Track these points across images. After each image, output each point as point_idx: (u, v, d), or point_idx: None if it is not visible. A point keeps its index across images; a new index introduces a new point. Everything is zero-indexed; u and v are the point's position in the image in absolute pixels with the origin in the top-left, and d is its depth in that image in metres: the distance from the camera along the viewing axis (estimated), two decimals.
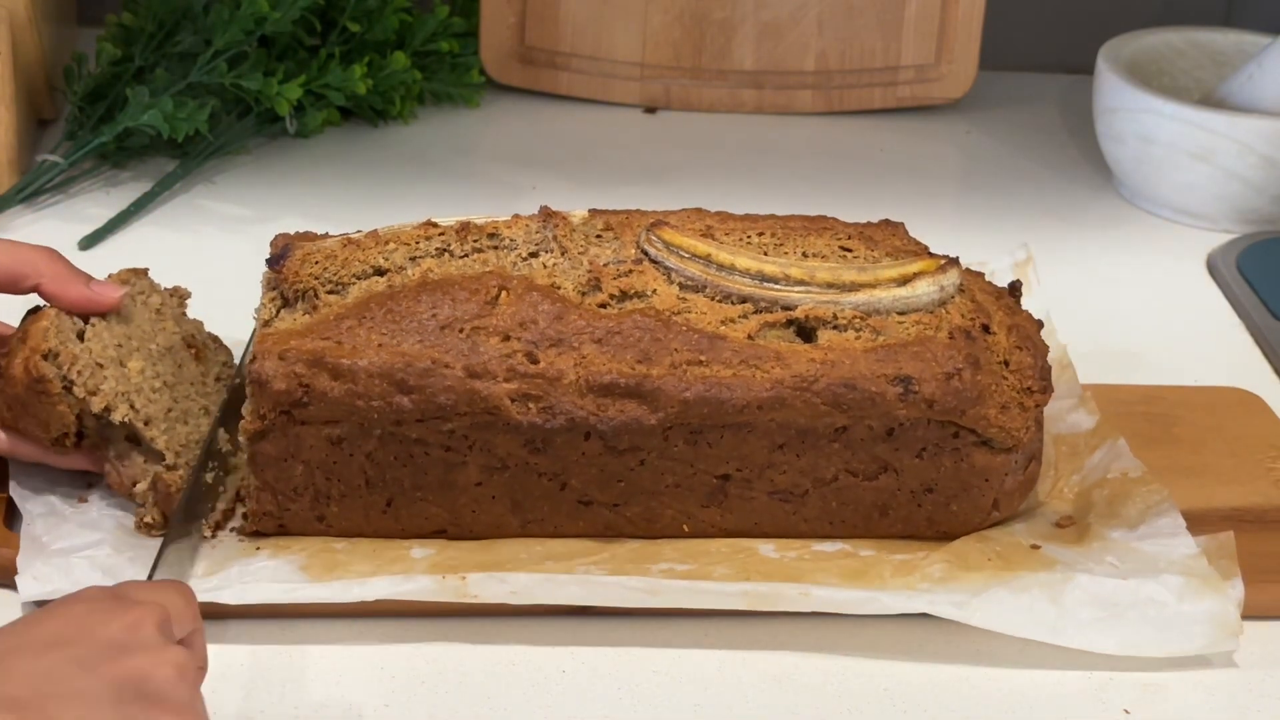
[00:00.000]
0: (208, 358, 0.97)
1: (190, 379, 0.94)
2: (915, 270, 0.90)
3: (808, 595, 0.85)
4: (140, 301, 0.95)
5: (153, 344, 0.93)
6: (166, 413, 0.90)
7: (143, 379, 0.90)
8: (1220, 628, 0.85)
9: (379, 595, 0.84)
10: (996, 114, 1.48)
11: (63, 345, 0.87)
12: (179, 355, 0.94)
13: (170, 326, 0.95)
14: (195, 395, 0.94)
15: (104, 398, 0.86)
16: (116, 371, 0.88)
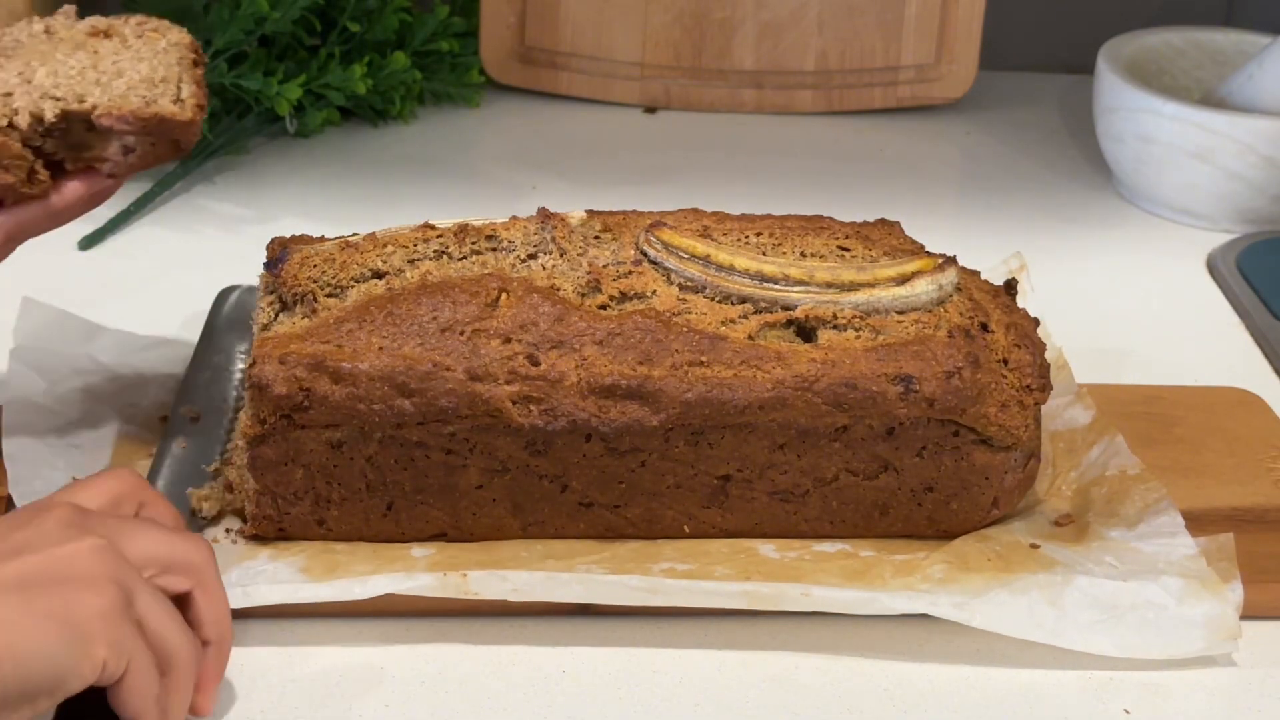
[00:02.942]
0: (119, 30, 0.93)
1: (113, 51, 0.90)
2: (913, 269, 0.90)
3: (809, 595, 0.85)
4: (21, 33, 0.92)
5: (57, 54, 0.89)
6: (96, 80, 0.86)
7: (55, 77, 0.86)
8: (1219, 631, 0.85)
9: (380, 592, 0.84)
10: (996, 114, 1.48)
11: None
12: (88, 45, 0.90)
13: (65, 33, 0.92)
14: (120, 58, 0.89)
15: (25, 110, 0.84)
16: (26, 88, 0.85)
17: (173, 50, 0.90)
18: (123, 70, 0.87)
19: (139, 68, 0.87)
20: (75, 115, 0.84)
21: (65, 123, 0.84)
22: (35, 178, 0.84)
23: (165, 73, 0.88)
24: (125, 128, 0.84)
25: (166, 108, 0.85)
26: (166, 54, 0.90)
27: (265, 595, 0.84)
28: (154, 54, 0.89)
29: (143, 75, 0.87)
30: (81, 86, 0.85)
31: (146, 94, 0.85)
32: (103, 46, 0.89)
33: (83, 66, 0.87)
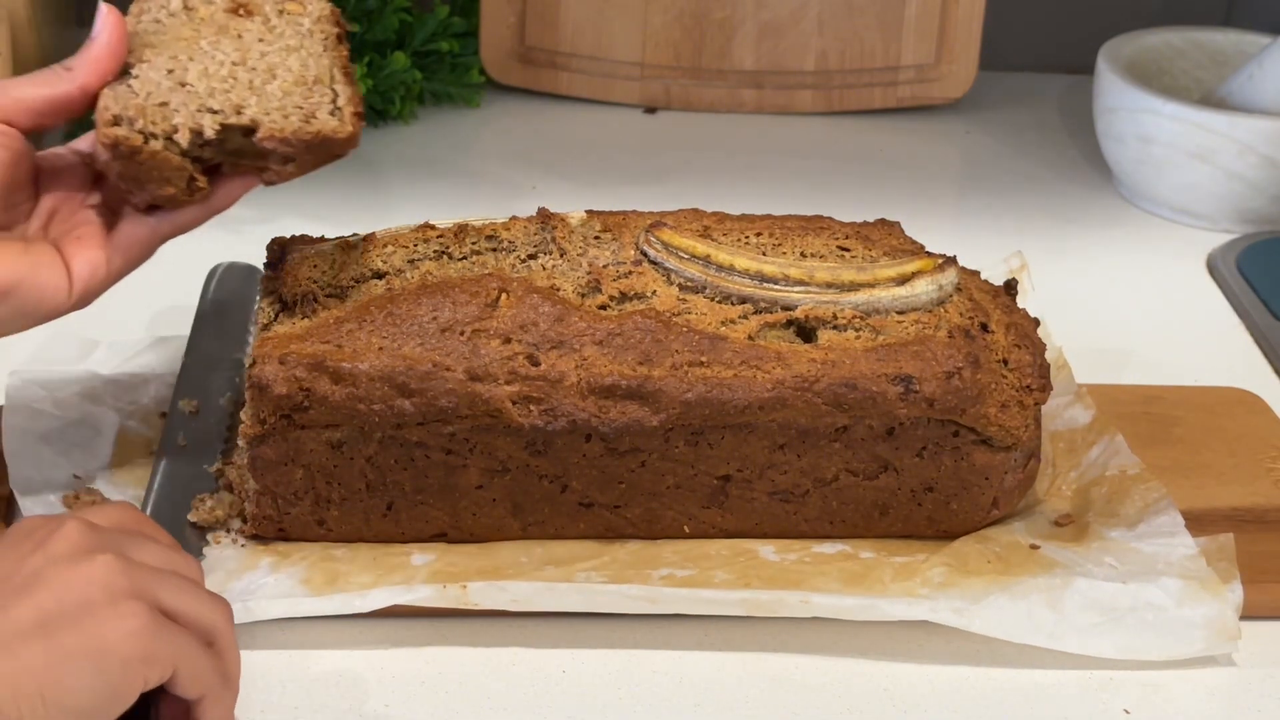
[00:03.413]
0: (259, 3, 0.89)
1: (258, 36, 0.86)
2: (913, 269, 0.90)
3: (808, 603, 0.85)
4: (159, 12, 0.87)
5: (201, 41, 0.85)
6: (249, 84, 0.83)
7: (208, 80, 0.82)
8: (1219, 632, 0.85)
9: (380, 605, 0.84)
10: (996, 114, 1.48)
11: (122, 105, 0.80)
12: (231, 28, 0.86)
13: (204, 10, 0.88)
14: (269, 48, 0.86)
15: (185, 126, 0.80)
16: (181, 95, 0.81)
17: (317, 30, 0.87)
18: (274, 69, 0.83)
19: (290, 63, 0.84)
20: (234, 127, 0.81)
21: (224, 133, 0.81)
22: (194, 185, 0.81)
23: (318, 70, 0.84)
24: (287, 150, 0.81)
25: (327, 124, 0.81)
26: (313, 38, 0.86)
27: (267, 610, 0.84)
28: (300, 39, 0.86)
29: (295, 75, 0.83)
30: (237, 93, 0.82)
31: (304, 103, 0.82)
32: (246, 30, 0.86)
33: (232, 64, 0.83)
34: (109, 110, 0.79)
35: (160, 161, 0.79)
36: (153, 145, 0.79)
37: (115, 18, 0.81)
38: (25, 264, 0.79)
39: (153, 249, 0.84)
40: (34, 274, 0.79)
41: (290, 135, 0.80)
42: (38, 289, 0.79)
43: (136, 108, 0.80)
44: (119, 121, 0.79)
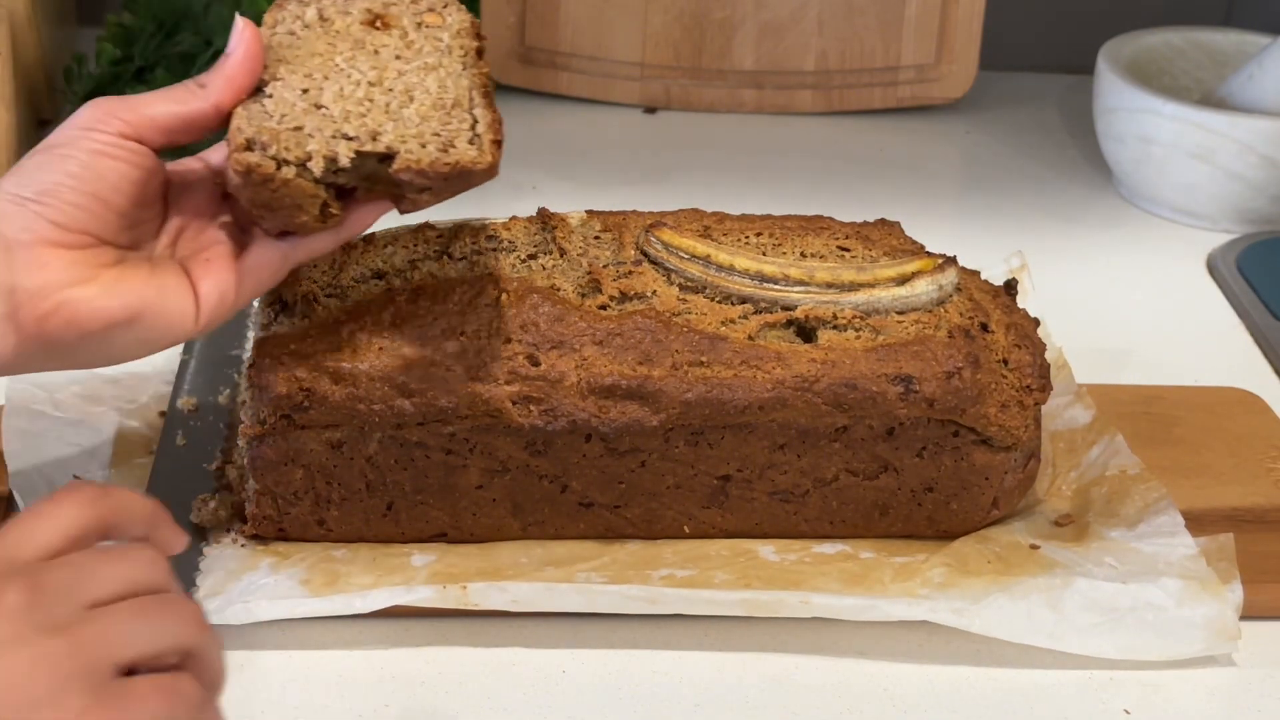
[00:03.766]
0: (397, 15, 0.84)
1: (395, 54, 0.82)
2: (913, 269, 0.90)
3: (808, 603, 0.85)
4: (294, 23, 0.83)
5: (337, 57, 0.81)
6: (385, 107, 0.79)
7: (344, 102, 0.79)
8: (1218, 632, 0.85)
9: (380, 606, 0.84)
10: (996, 114, 1.48)
11: (257, 128, 0.77)
12: (367, 43, 0.82)
13: (340, 22, 0.84)
14: (407, 66, 0.81)
15: (319, 154, 0.76)
16: (316, 119, 0.78)
17: (456, 46, 0.82)
18: (412, 90, 0.79)
19: (428, 84, 0.80)
20: (370, 154, 0.77)
21: (359, 160, 0.77)
22: (327, 211, 0.78)
23: (456, 92, 0.80)
24: (423, 181, 0.77)
25: (465, 154, 0.77)
26: (451, 55, 0.82)
27: (267, 611, 0.83)
28: (439, 57, 0.81)
29: (433, 97, 0.79)
30: (373, 117, 0.78)
31: (442, 130, 0.78)
32: (383, 46, 0.82)
33: (368, 84, 0.80)
34: (242, 133, 0.76)
35: (293, 189, 0.76)
36: (285, 172, 0.76)
37: (251, 34, 0.78)
38: (152, 289, 0.76)
39: (283, 274, 0.81)
40: (160, 300, 0.76)
41: (427, 167, 0.76)
42: (164, 316, 0.76)
43: (270, 132, 0.76)
44: (252, 146, 0.76)
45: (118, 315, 0.75)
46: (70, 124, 0.77)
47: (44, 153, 0.76)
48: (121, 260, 0.76)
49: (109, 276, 0.75)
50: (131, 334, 0.76)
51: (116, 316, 0.75)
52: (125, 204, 0.76)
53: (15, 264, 0.74)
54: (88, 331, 0.75)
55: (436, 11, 0.84)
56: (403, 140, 0.77)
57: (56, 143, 0.76)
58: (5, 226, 0.74)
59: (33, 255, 0.74)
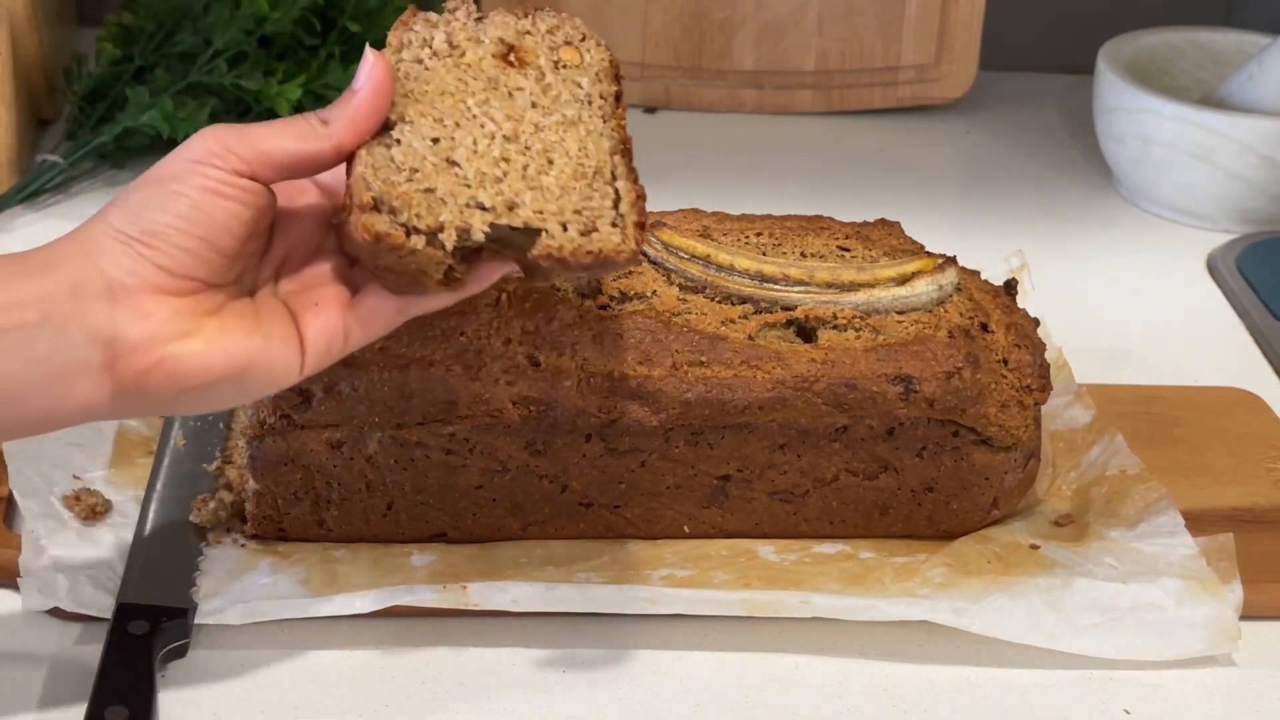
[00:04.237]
0: (532, 48, 0.77)
1: (531, 100, 0.75)
2: (913, 269, 0.90)
3: (808, 603, 0.85)
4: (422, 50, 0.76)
5: (468, 98, 0.75)
6: (523, 171, 0.73)
7: (478, 161, 0.72)
8: (1219, 632, 0.85)
9: (380, 606, 0.84)
10: (996, 114, 1.48)
11: (385, 184, 0.71)
12: (501, 83, 0.76)
13: (472, 54, 0.76)
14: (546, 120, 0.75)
15: (452, 225, 0.70)
16: (448, 180, 0.71)
17: (596, 93, 0.76)
18: (551, 151, 0.73)
19: (567, 144, 0.74)
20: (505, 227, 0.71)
21: (494, 231, 0.71)
22: (451, 275, 0.72)
23: (597, 156, 0.74)
24: (562, 269, 0.72)
25: (608, 242, 0.71)
26: (591, 107, 0.76)
27: (267, 611, 0.84)
28: (578, 109, 0.75)
29: (574, 163, 0.73)
30: (510, 183, 0.72)
31: (583, 206, 0.72)
32: (518, 89, 0.75)
33: (503, 139, 0.73)
34: (368, 188, 0.70)
35: (420, 257, 0.70)
36: (414, 241, 0.70)
37: (381, 70, 0.72)
38: (257, 341, 0.72)
39: (396, 325, 0.76)
40: (266, 352, 0.72)
41: (569, 256, 0.71)
42: (269, 369, 0.72)
43: (401, 197, 0.70)
44: (379, 205, 0.70)
45: (222, 371, 0.71)
46: (181, 155, 0.71)
47: (152, 186, 0.71)
48: (225, 305, 0.72)
49: (213, 327, 0.71)
50: (234, 387, 0.72)
51: (221, 372, 0.71)
52: (235, 246, 0.71)
53: (118, 312, 0.69)
54: (189, 387, 0.71)
55: (574, 46, 0.78)
56: (541, 215, 0.71)
57: (166, 175, 0.71)
58: (109, 266, 0.70)
59: (137, 303, 0.70)
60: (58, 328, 0.69)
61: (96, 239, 0.70)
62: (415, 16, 0.77)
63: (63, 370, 0.69)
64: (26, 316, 0.69)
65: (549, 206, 0.72)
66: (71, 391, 0.69)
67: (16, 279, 0.69)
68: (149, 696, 0.78)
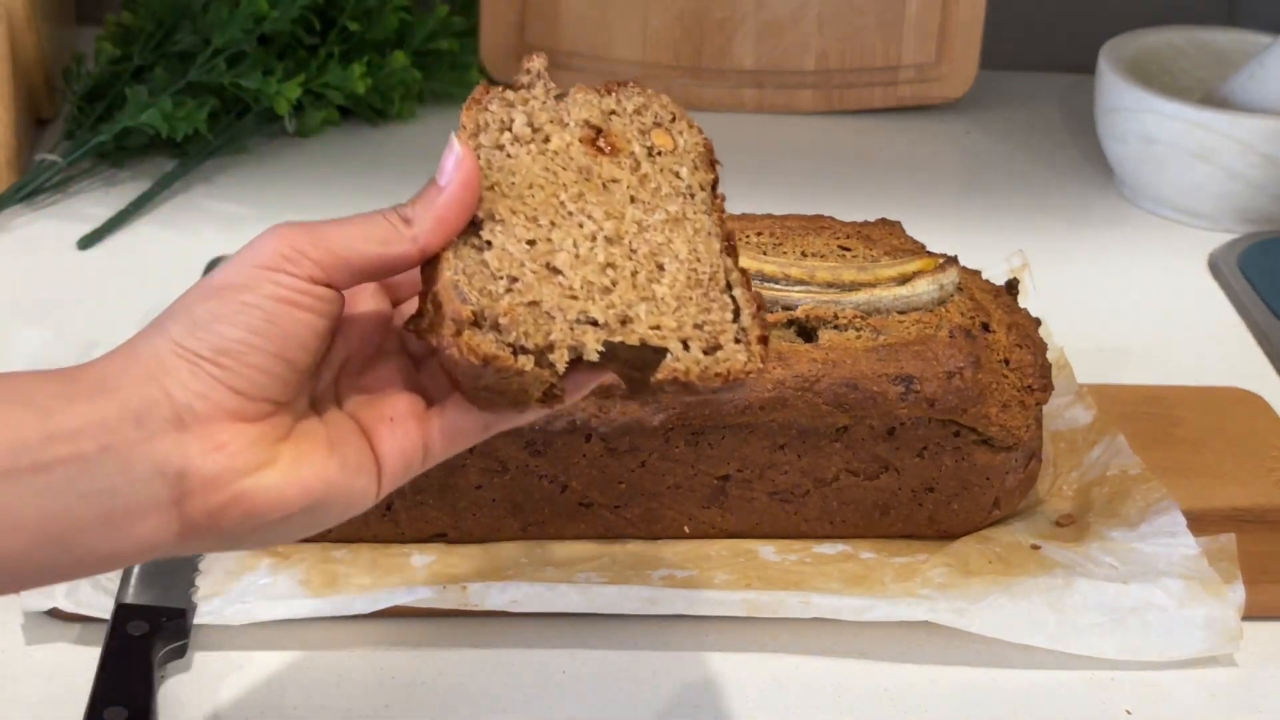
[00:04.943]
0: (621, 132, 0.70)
1: (630, 193, 0.68)
2: (914, 269, 0.90)
3: (808, 603, 0.85)
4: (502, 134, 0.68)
5: (561, 192, 0.67)
6: (632, 279, 0.65)
7: (582, 267, 0.65)
8: (1220, 632, 0.85)
9: (379, 606, 0.84)
10: (997, 114, 1.48)
11: (486, 298, 0.64)
12: (594, 174, 0.68)
13: (558, 139, 0.69)
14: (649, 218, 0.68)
15: (562, 344, 0.63)
16: (552, 290, 0.64)
17: (696, 181, 0.69)
18: (659, 254, 0.66)
19: (675, 245, 0.67)
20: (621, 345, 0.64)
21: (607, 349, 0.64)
22: (551, 392, 0.65)
23: (709, 259, 0.67)
24: (685, 393, 0.65)
25: (735, 362, 0.64)
26: (694, 200, 0.68)
27: (266, 612, 0.83)
28: (681, 204, 0.68)
29: (686, 269, 0.66)
30: (620, 293, 0.65)
31: (702, 319, 0.65)
32: (614, 181, 0.68)
33: (605, 240, 0.66)
34: (465, 300, 0.63)
35: (528, 378, 0.63)
36: (522, 362, 0.63)
37: (470, 164, 0.65)
38: (334, 468, 0.64)
39: (480, 440, 0.68)
40: (344, 480, 0.64)
41: (696, 380, 0.64)
42: (346, 497, 0.64)
43: (508, 313, 0.63)
44: (479, 321, 0.63)
45: (299, 504, 0.63)
46: (248, 260, 0.63)
47: (219, 295, 0.63)
48: (296, 426, 0.64)
49: (289, 456, 0.63)
50: (308, 520, 0.64)
51: (297, 506, 0.63)
52: (309, 360, 0.64)
53: (188, 443, 0.61)
54: (263, 524, 0.63)
55: (665, 129, 0.70)
56: (659, 332, 0.64)
57: (233, 282, 0.63)
58: (177, 389, 0.62)
59: (209, 431, 0.62)
60: (120, 460, 0.60)
61: (160, 356, 0.62)
62: (489, 93, 0.69)
63: (125, 508, 0.61)
64: (83, 447, 0.60)
65: (666, 321, 0.65)
66: (133, 531, 0.61)
67: (70, 402, 0.60)
68: (148, 697, 0.78)
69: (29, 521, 0.59)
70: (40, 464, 0.59)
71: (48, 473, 0.59)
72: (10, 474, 0.59)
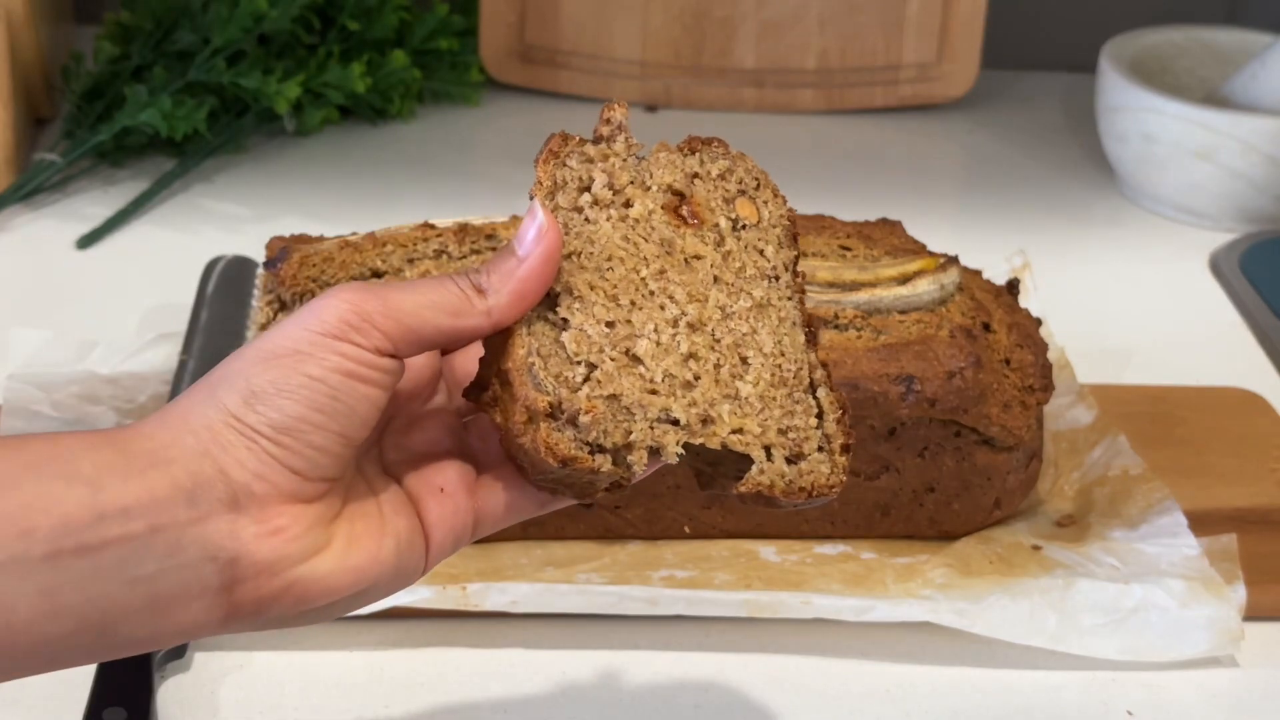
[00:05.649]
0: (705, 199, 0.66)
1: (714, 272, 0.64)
2: (915, 269, 0.90)
3: (809, 604, 0.85)
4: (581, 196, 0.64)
5: (642, 268, 0.63)
6: (715, 373, 0.62)
7: (663, 358, 0.62)
8: (1221, 633, 0.85)
9: (380, 607, 0.83)
10: (998, 113, 1.48)
11: (563, 387, 0.60)
12: (677, 248, 0.64)
13: (639, 205, 0.64)
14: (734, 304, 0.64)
15: (641, 445, 0.60)
16: (633, 382, 0.61)
17: (780, 263, 0.65)
18: (743, 346, 0.63)
19: (760, 336, 0.63)
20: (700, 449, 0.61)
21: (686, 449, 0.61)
22: (618, 484, 0.62)
23: (794, 354, 0.63)
24: (765, 507, 0.63)
25: (820, 475, 0.62)
26: (779, 286, 0.65)
27: None
28: (766, 289, 0.64)
29: (770, 365, 0.63)
30: (702, 390, 0.61)
31: (786, 424, 0.62)
32: (697, 258, 0.64)
33: (688, 327, 0.62)
34: (540, 390, 0.60)
35: (602, 476, 0.60)
36: (599, 461, 0.60)
37: (554, 239, 0.61)
38: (387, 550, 0.61)
39: (535, 515, 0.65)
40: (395, 562, 0.61)
41: (780, 494, 0.62)
42: (395, 577, 0.61)
43: (589, 410, 0.59)
44: (555, 413, 0.60)
45: (350, 591, 0.60)
46: (309, 324, 0.59)
47: (279, 363, 0.58)
48: (348, 502, 0.61)
49: (342, 538, 0.60)
50: (356, 602, 0.61)
51: (348, 593, 0.60)
52: (367, 436, 0.60)
53: (242, 525, 0.57)
54: (313, 609, 0.60)
55: (749, 197, 0.67)
56: (741, 436, 0.61)
57: (293, 348, 0.58)
58: (233, 468, 0.57)
59: (265, 514, 0.58)
60: (170, 543, 0.56)
61: (214, 429, 0.58)
62: (567, 145, 0.64)
63: (171, 594, 0.57)
64: (132, 527, 0.56)
65: (749, 425, 0.62)
66: (177, 616, 0.57)
67: (120, 477, 0.56)
68: (147, 698, 0.78)
69: (72, 608, 0.55)
70: (87, 546, 0.55)
71: (95, 555, 0.55)
72: (55, 557, 0.55)
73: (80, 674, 0.80)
